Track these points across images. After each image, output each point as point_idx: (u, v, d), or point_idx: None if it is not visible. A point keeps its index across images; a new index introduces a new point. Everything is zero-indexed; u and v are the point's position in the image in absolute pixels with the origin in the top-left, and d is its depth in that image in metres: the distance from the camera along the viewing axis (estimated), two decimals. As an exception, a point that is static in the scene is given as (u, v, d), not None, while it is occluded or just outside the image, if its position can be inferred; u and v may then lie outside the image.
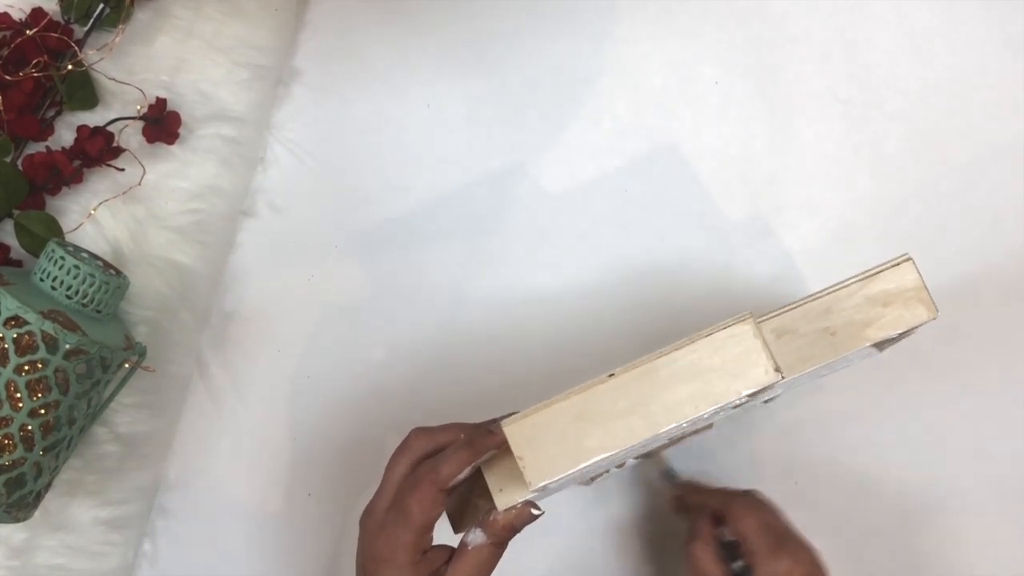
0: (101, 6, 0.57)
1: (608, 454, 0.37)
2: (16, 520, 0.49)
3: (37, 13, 0.56)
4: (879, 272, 0.41)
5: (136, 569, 0.59)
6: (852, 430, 0.57)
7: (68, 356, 0.48)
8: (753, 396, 0.38)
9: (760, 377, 0.37)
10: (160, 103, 0.57)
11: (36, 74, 0.55)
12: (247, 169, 0.62)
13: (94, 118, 0.57)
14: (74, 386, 0.49)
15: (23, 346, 0.47)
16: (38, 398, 0.47)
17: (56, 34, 0.56)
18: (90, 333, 0.49)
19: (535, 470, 0.37)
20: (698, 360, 0.37)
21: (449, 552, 0.43)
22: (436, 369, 0.60)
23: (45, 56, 0.55)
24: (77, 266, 0.50)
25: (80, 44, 0.57)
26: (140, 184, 0.57)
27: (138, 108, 0.57)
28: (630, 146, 0.61)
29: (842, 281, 0.41)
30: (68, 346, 0.47)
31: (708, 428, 0.52)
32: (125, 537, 0.57)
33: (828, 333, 0.41)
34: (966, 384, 0.58)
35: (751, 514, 0.46)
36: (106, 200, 0.56)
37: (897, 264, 0.41)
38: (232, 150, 0.59)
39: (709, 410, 0.37)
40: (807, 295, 0.41)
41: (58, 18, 0.57)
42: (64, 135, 0.57)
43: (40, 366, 0.47)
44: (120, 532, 0.56)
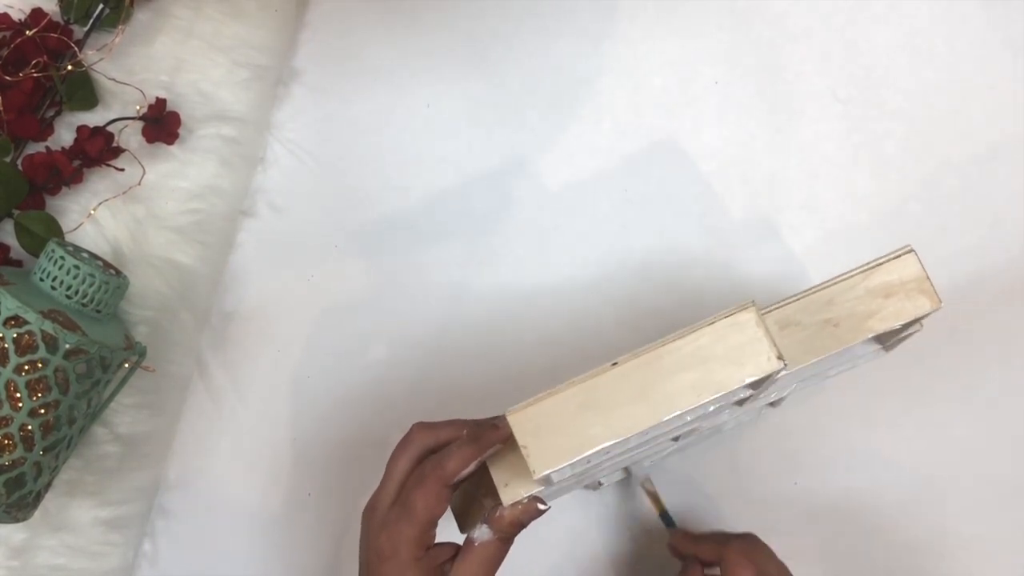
0: (101, 6, 0.57)
1: (612, 442, 0.37)
2: (16, 520, 0.49)
3: (37, 13, 0.56)
4: (881, 264, 0.41)
5: (136, 569, 0.59)
6: (852, 430, 0.57)
7: (68, 356, 0.48)
8: (757, 385, 0.38)
9: (763, 365, 0.37)
10: (160, 103, 0.57)
11: (36, 74, 0.55)
12: (247, 169, 0.62)
13: (94, 118, 0.57)
14: (74, 386, 0.49)
15: (23, 346, 0.47)
16: (38, 398, 0.47)
17: (56, 34, 0.56)
18: (90, 333, 0.49)
19: (539, 459, 0.37)
20: (701, 348, 0.37)
21: (453, 549, 0.43)
22: (436, 369, 0.60)
23: (45, 56, 0.55)
24: (77, 266, 0.50)
25: (80, 44, 0.57)
26: (140, 184, 0.57)
27: (138, 108, 0.57)
28: (630, 146, 0.61)
29: (844, 273, 0.41)
30: (68, 346, 0.47)
31: (717, 432, 0.52)
32: (125, 537, 0.57)
33: (831, 325, 0.41)
34: (966, 384, 0.58)
35: (747, 564, 0.45)
36: (106, 200, 0.56)
37: (899, 256, 0.41)
38: (232, 150, 0.59)
39: (712, 397, 0.37)
40: (809, 287, 0.41)
41: (58, 18, 0.57)
42: (64, 135, 0.57)
43: (40, 366, 0.47)
44: (120, 532, 0.56)
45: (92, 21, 0.57)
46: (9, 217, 0.55)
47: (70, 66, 0.55)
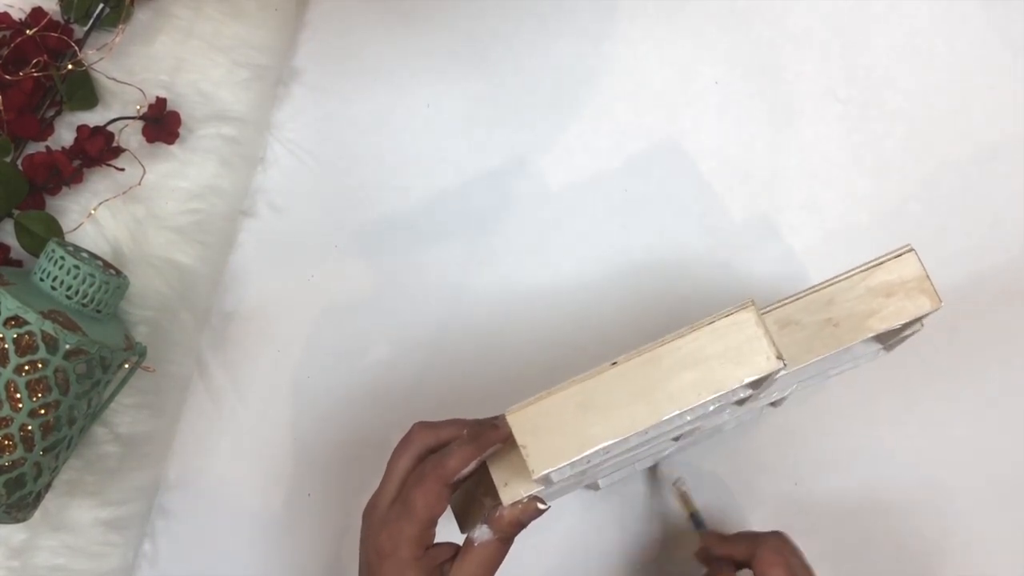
0: (101, 6, 0.57)
1: (612, 441, 0.37)
2: (16, 520, 0.49)
3: (37, 13, 0.56)
4: (881, 263, 0.41)
5: (136, 569, 0.59)
6: (853, 430, 0.57)
7: (68, 356, 0.48)
8: (756, 385, 0.38)
9: (762, 364, 0.37)
10: (160, 103, 0.57)
11: (36, 74, 0.55)
12: (247, 169, 0.62)
13: (94, 118, 0.57)
14: (74, 386, 0.49)
15: (23, 346, 0.47)
16: (38, 398, 0.47)
17: (56, 34, 0.56)
18: (90, 333, 0.49)
19: (538, 459, 0.37)
20: (700, 348, 0.37)
21: (453, 549, 0.43)
22: (436, 368, 0.60)
23: (45, 56, 0.55)
24: (77, 266, 0.50)
25: (80, 44, 0.57)
26: (140, 184, 0.57)
27: (138, 108, 0.57)
28: (630, 146, 0.61)
29: (844, 272, 0.41)
30: (68, 346, 0.47)
31: (718, 431, 0.52)
32: (125, 537, 0.57)
33: (831, 324, 0.41)
34: (966, 384, 0.58)
35: (779, 561, 0.46)
36: (106, 200, 0.56)
37: (899, 255, 0.41)
38: (232, 150, 0.59)
39: (711, 397, 0.37)
40: (809, 287, 0.41)
41: (58, 18, 0.57)
42: (64, 135, 0.57)
43: (40, 366, 0.47)
44: (120, 532, 0.56)
45: (92, 21, 0.57)
46: (9, 217, 0.55)
47: (70, 66, 0.55)
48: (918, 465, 0.57)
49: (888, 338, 0.43)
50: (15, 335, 0.46)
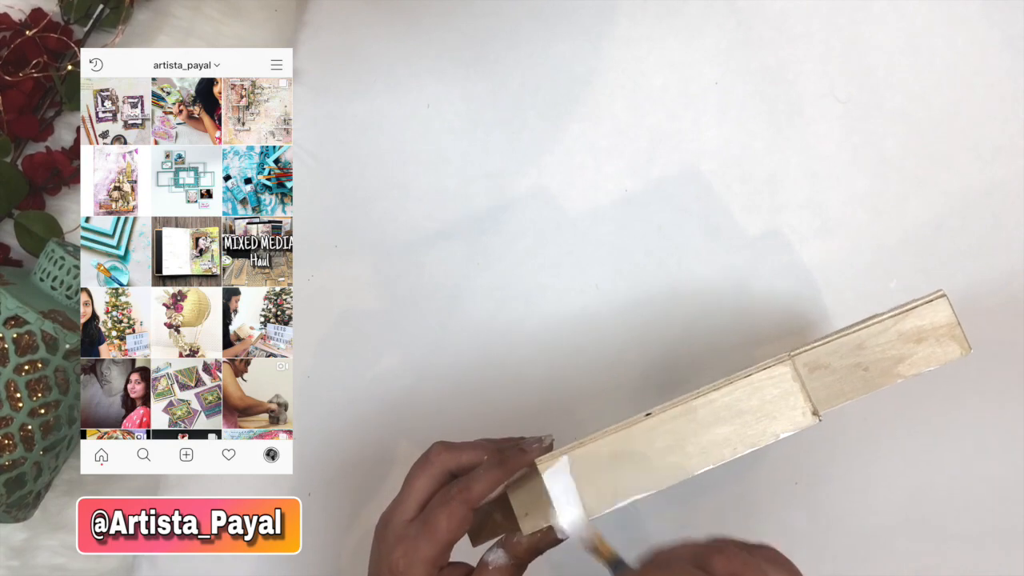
0: (101, 6, 0.57)
1: (643, 495, 0.37)
2: (16, 520, 0.49)
3: (37, 13, 0.56)
4: (913, 308, 0.41)
5: (136, 569, 0.59)
6: (853, 430, 0.57)
7: (68, 356, 0.48)
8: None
9: (798, 419, 0.37)
10: (160, 103, 0.57)
11: (36, 74, 0.55)
12: (247, 169, 0.62)
13: (94, 118, 0.57)
14: (74, 386, 0.49)
15: (23, 346, 0.47)
16: (38, 398, 0.47)
17: (56, 34, 0.56)
18: (90, 333, 0.49)
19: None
20: (735, 401, 0.38)
21: (466, 569, 0.42)
22: (435, 368, 0.60)
23: (45, 56, 0.55)
24: (77, 266, 0.50)
25: (80, 44, 0.57)
26: (140, 184, 0.57)
27: (138, 108, 0.57)
28: (630, 146, 0.61)
29: (875, 316, 0.41)
30: (68, 346, 0.47)
31: None
32: (125, 537, 0.57)
33: (860, 369, 0.41)
34: (967, 385, 0.58)
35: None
36: (106, 200, 0.56)
37: (931, 300, 0.41)
38: (232, 150, 0.59)
39: (745, 452, 0.37)
40: (840, 329, 0.41)
41: (58, 18, 0.57)
42: (64, 135, 0.57)
43: (40, 366, 0.47)
44: (120, 532, 0.56)
45: (92, 21, 0.57)
46: (9, 217, 0.55)
47: (70, 66, 0.55)
48: (918, 464, 0.57)
49: None
50: (15, 335, 0.46)
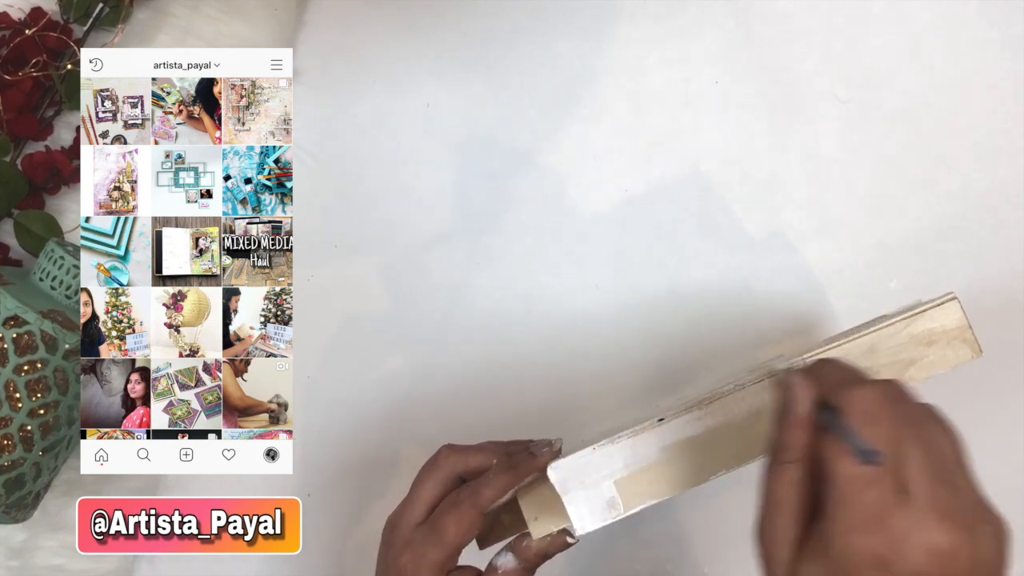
0: (100, 6, 0.57)
1: (655, 501, 0.37)
2: (15, 520, 0.49)
3: (36, 13, 0.56)
4: (924, 311, 0.41)
5: (136, 569, 0.58)
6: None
7: (68, 356, 0.48)
8: None
9: None
10: (160, 103, 0.57)
11: (35, 74, 0.55)
12: (247, 169, 0.62)
13: (94, 118, 0.57)
14: (74, 386, 0.49)
15: (23, 346, 0.47)
16: (37, 398, 0.47)
17: (55, 34, 0.56)
18: (90, 333, 0.49)
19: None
20: (747, 408, 0.38)
21: (474, 573, 0.42)
22: (435, 368, 0.60)
23: (44, 56, 0.55)
24: (77, 266, 0.50)
25: (79, 44, 0.57)
26: (140, 184, 0.57)
27: (138, 108, 0.57)
28: (630, 146, 0.61)
29: (885, 318, 0.41)
30: (68, 346, 0.47)
31: None
32: (125, 537, 0.57)
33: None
34: (967, 385, 0.58)
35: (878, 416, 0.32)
36: (106, 200, 0.56)
37: (942, 303, 0.41)
38: (232, 150, 0.59)
39: (753, 462, 0.37)
40: (849, 332, 0.41)
41: (57, 18, 0.57)
42: (64, 135, 0.57)
43: (39, 366, 0.47)
44: (120, 532, 0.56)
45: (92, 20, 0.57)
46: (9, 217, 0.55)
47: (70, 66, 0.55)
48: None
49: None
50: (15, 335, 0.46)
